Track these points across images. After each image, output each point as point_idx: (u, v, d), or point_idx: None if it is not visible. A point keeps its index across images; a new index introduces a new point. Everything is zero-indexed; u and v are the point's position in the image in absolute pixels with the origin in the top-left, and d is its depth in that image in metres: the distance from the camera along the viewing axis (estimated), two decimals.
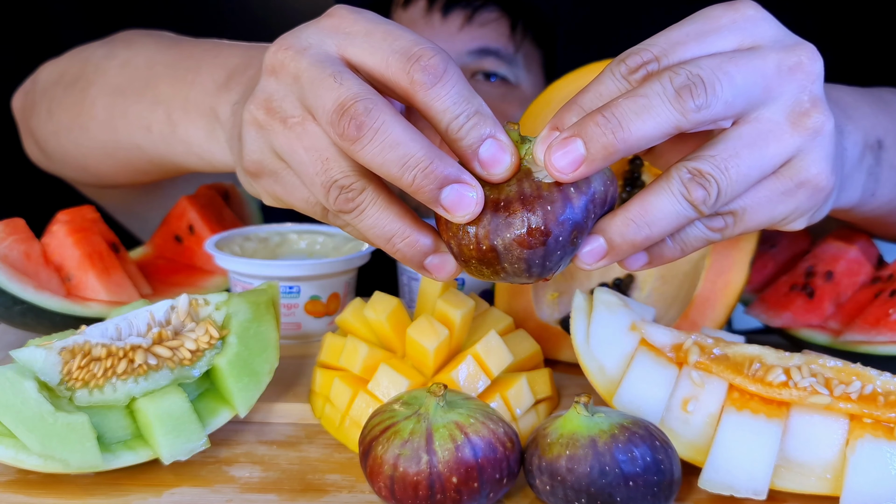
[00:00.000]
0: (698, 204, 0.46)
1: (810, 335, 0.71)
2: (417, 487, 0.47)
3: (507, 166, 0.46)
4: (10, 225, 0.71)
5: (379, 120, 0.45)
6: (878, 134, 0.61)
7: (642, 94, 0.44)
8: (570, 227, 0.45)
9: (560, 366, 0.72)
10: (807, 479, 0.52)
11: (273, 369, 0.58)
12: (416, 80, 0.46)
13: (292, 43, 0.49)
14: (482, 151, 0.46)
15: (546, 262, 0.46)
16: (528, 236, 0.45)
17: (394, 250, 0.49)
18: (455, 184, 0.45)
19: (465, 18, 1.06)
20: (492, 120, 0.46)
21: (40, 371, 0.52)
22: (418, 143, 0.45)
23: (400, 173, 0.45)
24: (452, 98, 0.46)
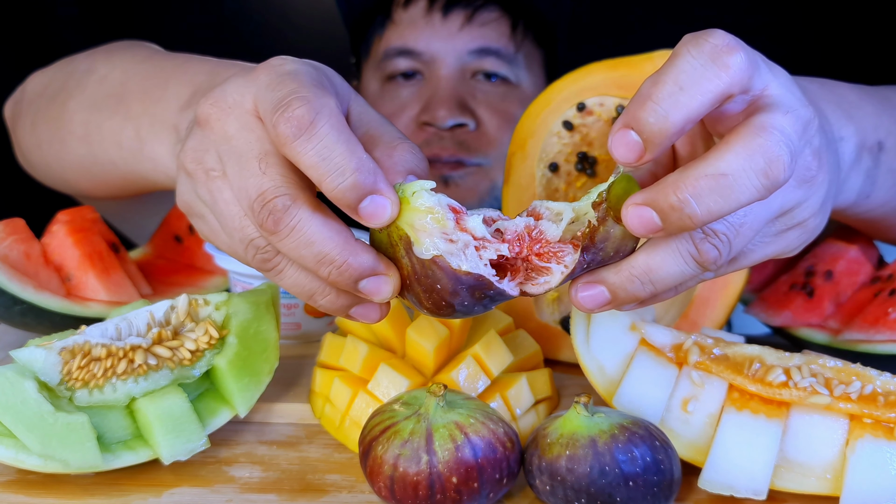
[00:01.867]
0: (707, 265, 0.44)
1: (810, 334, 0.71)
2: (417, 487, 0.47)
3: (388, 218, 0.45)
4: (10, 225, 0.71)
5: (295, 218, 0.45)
6: (880, 136, 0.61)
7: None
8: (466, 290, 0.44)
9: (560, 366, 0.72)
10: (807, 479, 0.52)
11: (273, 369, 0.58)
12: (278, 132, 0.44)
13: (216, 99, 0.49)
14: (362, 208, 0.44)
15: (470, 312, 0.46)
16: (438, 309, 0.46)
17: (316, 305, 0.49)
18: (372, 277, 0.45)
19: (466, 18, 1.07)
20: (371, 171, 0.44)
21: (40, 371, 0.52)
22: (333, 242, 0.45)
23: (316, 268, 0.46)
24: (321, 153, 0.44)
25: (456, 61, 1.07)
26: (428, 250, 0.44)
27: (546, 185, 0.73)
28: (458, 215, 0.45)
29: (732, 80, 0.41)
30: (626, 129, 0.41)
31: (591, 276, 0.45)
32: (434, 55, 1.07)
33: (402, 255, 0.46)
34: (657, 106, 0.40)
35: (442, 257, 0.44)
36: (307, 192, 0.46)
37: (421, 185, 0.45)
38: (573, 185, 0.74)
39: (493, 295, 0.45)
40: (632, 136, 0.41)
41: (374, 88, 1.13)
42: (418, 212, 0.44)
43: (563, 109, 0.71)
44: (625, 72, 0.70)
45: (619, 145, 0.41)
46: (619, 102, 0.71)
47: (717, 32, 0.41)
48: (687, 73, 0.40)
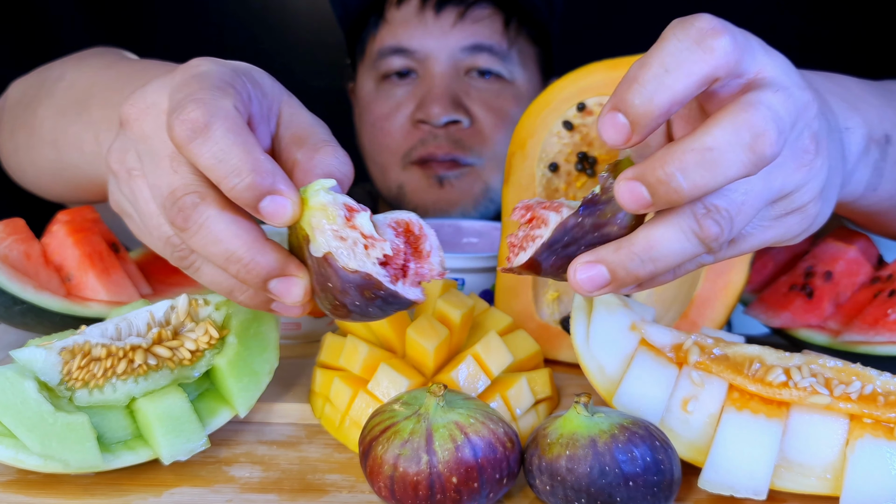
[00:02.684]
0: (710, 242, 0.44)
1: (809, 335, 0.71)
2: (417, 487, 0.47)
3: (290, 218, 0.45)
4: (11, 225, 0.71)
5: (203, 216, 0.45)
6: (886, 128, 0.61)
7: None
8: (355, 289, 0.44)
9: (560, 366, 0.72)
10: (807, 478, 0.52)
11: (273, 369, 0.58)
12: (174, 135, 0.45)
13: (137, 101, 0.50)
14: (262, 207, 0.45)
15: (367, 314, 0.46)
16: (335, 309, 0.46)
17: (237, 301, 0.50)
18: (279, 278, 0.46)
19: (458, 15, 1.07)
20: (270, 172, 0.45)
21: (40, 371, 0.52)
22: (240, 240, 0.46)
23: (224, 266, 0.46)
24: (216, 155, 0.44)
25: (449, 58, 1.07)
26: (320, 248, 0.44)
27: (546, 185, 0.73)
28: (352, 213, 0.45)
29: (718, 62, 0.41)
30: (613, 111, 0.41)
31: (590, 255, 0.45)
32: (427, 53, 1.07)
33: (306, 255, 0.46)
34: (642, 88, 0.41)
35: (332, 254, 0.44)
36: (217, 191, 0.46)
37: (321, 184, 0.45)
38: (573, 184, 0.74)
39: (385, 296, 0.45)
40: (619, 118, 0.41)
41: (370, 88, 1.13)
42: (314, 210, 0.45)
43: (563, 109, 0.71)
44: (624, 71, 0.70)
45: (607, 127, 0.42)
46: None
47: (703, 16, 0.42)
48: (672, 56, 0.41)
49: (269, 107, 0.51)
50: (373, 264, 0.45)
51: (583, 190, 0.75)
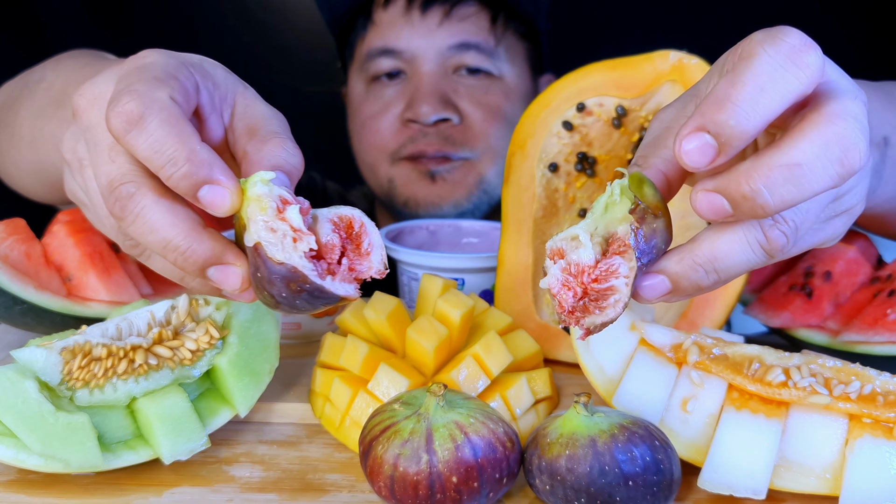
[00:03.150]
0: (775, 253, 0.43)
1: (809, 335, 0.72)
2: (417, 487, 0.47)
3: (229, 207, 0.46)
4: (11, 225, 0.71)
5: (140, 205, 0.46)
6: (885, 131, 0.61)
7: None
8: (281, 281, 0.44)
9: (560, 365, 0.72)
10: (806, 478, 0.52)
11: (273, 369, 0.58)
12: (111, 126, 0.45)
13: (86, 91, 0.51)
14: (201, 197, 0.45)
15: (294, 307, 0.46)
16: (264, 300, 0.46)
17: (189, 287, 0.50)
18: (217, 266, 0.47)
19: (444, 14, 1.08)
20: (206, 162, 0.45)
21: (41, 371, 0.52)
22: (177, 229, 0.46)
23: (163, 254, 0.47)
24: (152, 145, 0.45)
25: (436, 57, 1.08)
26: (251, 238, 0.45)
27: (546, 186, 0.73)
28: (285, 205, 0.45)
29: (811, 79, 0.40)
30: (699, 132, 0.40)
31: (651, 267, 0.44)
32: (414, 53, 1.08)
33: (244, 245, 0.46)
34: (737, 108, 0.39)
35: (261, 245, 0.44)
36: (154, 180, 0.47)
37: (260, 176, 0.45)
38: (573, 184, 0.75)
39: (311, 290, 0.45)
40: (707, 139, 0.40)
41: (360, 90, 1.14)
42: (250, 200, 0.45)
43: (562, 110, 0.71)
44: (624, 72, 0.70)
45: (691, 149, 0.40)
46: (619, 103, 0.71)
47: (790, 31, 0.41)
48: (767, 75, 0.40)
49: (223, 98, 0.52)
50: (299, 257, 0.44)
51: (582, 190, 0.75)
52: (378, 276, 0.48)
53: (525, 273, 0.72)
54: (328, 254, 0.46)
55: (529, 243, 0.72)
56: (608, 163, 0.74)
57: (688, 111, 0.47)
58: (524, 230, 0.72)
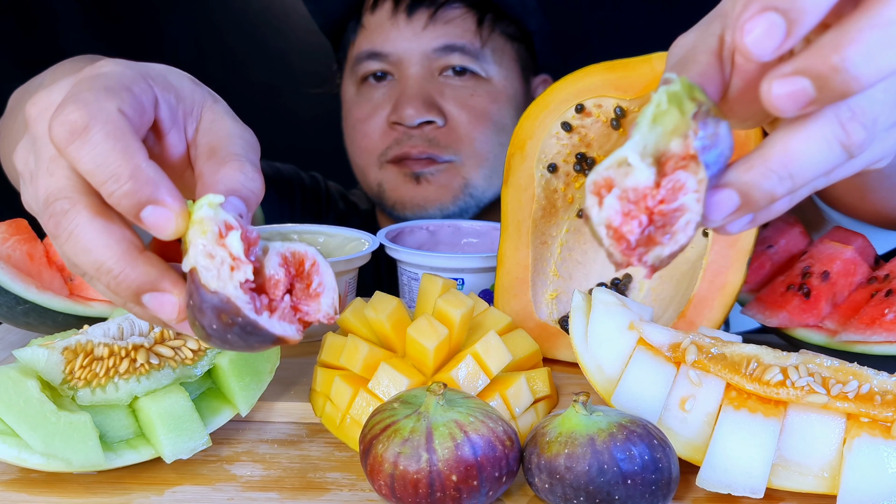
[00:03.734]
0: (854, 150, 0.38)
1: (806, 335, 0.72)
2: (417, 485, 0.47)
3: (173, 229, 0.42)
4: (14, 225, 0.72)
5: (73, 223, 0.43)
6: None
7: None
8: (212, 311, 0.41)
9: (559, 365, 0.72)
10: (804, 477, 0.52)
11: (274, 368, 0.58)
12: (53, 136, 0.42)
13: (39, 100, 0.47)
14: (144, 218, 0.42)
15: (226, 341, 0.42)
16: (194, 328, 0.43)
17: (133, 311, 0.46)
18: (151, 293, 0.43)
19: (429, 17, 1.08)
20: (151, 180, 0.42)
21: (43, 370, 0.52)
22: (110, 251, 0.43)
23: (96, 276, 0.44)
24: (94, 159, 0.42)
25: (422, 59, 1.09)
26: (188, 263, 0.42)
27: (545, 186, 0.74)
28: (228, 231, 0.42)
29: None
30: (764, 12, 0.35)
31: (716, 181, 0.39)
32: (401, 56, 1.09)
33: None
34: None
35: (195, 270, 0.41)
36: (91, 197, 0.44)
37: (208, 199, 0.42)
38: (571, 185, 0.75)
39: (243, 324, 0.41)
40: (773, 18, 0.35)
41: (351, 92, 1.15)
42: (193, 223, 0.42)
43: (561, 111, 0.72)
44: (623, 73, 0.70)
45: (757, 33, 0.36)
46: (618, 104, 0.71)
47: None
48: None
49: (188, 111, 0.49)
50: (234, 287, 0.41)
51: (581, 190, 0.75)
52: (326, 320, 0.44)
53: (524, 273, 0.72)
54: (271, 290, 0.43)
55: (529, 243, 0.73)
56: None
57: (713, 30, 0.42)
58: (523, 230, 0.73)
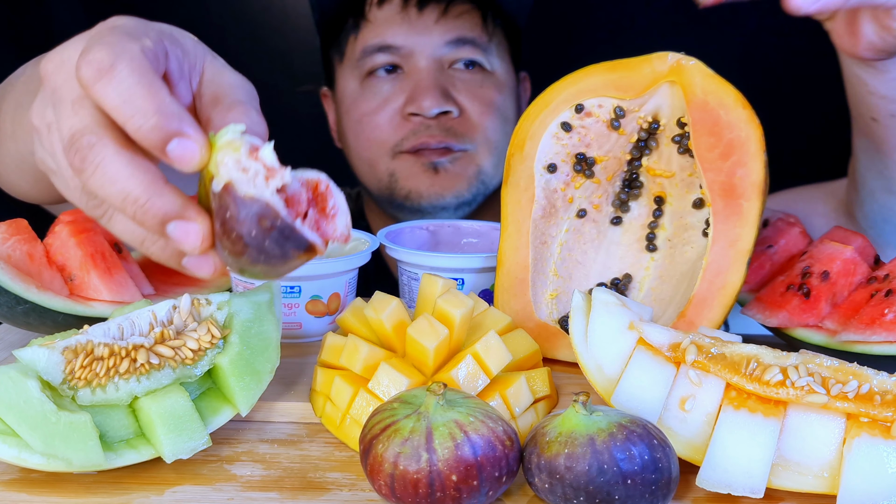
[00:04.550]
0: None
1: (806, 335, 0.72)
2: (417, 485, 0.47)
3: (198, 161, 0.45)
4: (14, 225, 0.72)
5: (100, 156, 0.45)
6: None
7: None
8: (254, 218, 0.44)
9: (559, 365, 0.72)
10: (804, 477, 0.52)
11: (274, 368, 0.58)
12: (80, 75, 0.45)
13: (54, 57, 0.50)
14: (169, 150, 0.45)
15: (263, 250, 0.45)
16: (233, 245, 0.45)
17: (149, 252, 0.49)
18: (177, 221, 0.45)
19: (440, 12, 1.11)
20: (176, 115, 0.45)
21: (43, 370, 0.52)
22: (136, 180, 0.45)
23: (122, 207, 0.46)
24: (121, 95, 0.44)
25: (434, 53, 1.11)
26: (221, 179, 0.44)
27: (545, 186, 0.74)
28: (257, 149, 0.45)
29: None
30: None
31: None
32: (412, 49, 1.10)
33: (211, 199, 0.46)
34: None
35: (232, 184, 0.44)
36: (115, 132, 0.46)
37: (231, 128, 0.45)
38: (571, 185, 0.75)
39: (282, 228, 0.44)
40: None
41: (353, 87, 1.15)
42: (221, 148, 0.45)
43: (561, 111, 0.72)
44: (623, 73, 0.70)
45: None
46: (618, 104, 0.71)
47: None
48: None
49: (191, 65, 0.51)
50: (272, 194, 0.44)
51: (581, 190, 0.75)
52: (342, 240, 0.47)
53: (524, 273, 0.73)
54: (296, 206, 0.46)
55: (529, 243, 0.73)
56: (606, 163, 0.74)
57: None
58: (523, 231, 0.73)
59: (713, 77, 0.67)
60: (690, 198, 0.73)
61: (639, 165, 0.74)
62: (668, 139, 0.72)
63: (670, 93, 0.70)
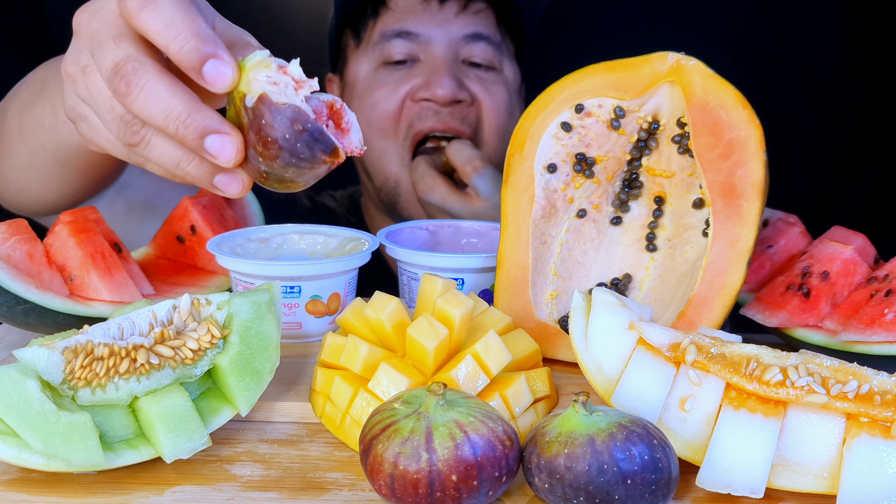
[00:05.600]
0: None
1: (806, 335, 0.72)
2: (417, 485, 0.48)
3: (230, 81, 0.52)
4: (14, 225, 0.72)
5: (144, 78, 0.52)
6: None
7: None
8: (287, 121, 0.51)
9: (559, 365, 0.72)
10: (804, 477, 0.52)
11: (274, 368, 0.58)
12: (126, 7, 0.51)
13: (87, 7, 0.57)
14: (205, 71, 0.51)
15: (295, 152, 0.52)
16: (266, 150, 0.52)
17: (183, 174, 0.56)
18: (215, 134, 0.52)
19: (461, 7, 1.15)
20: (211, 39, 0.51)
21: (43, 370, 0.52)
22: (178, 99, 0.52)
23: (164, 124, 0.52)
24: (164, 20, 0.51)
25: (450, 45, 1.14)
26: (255, 94, 0.51)
27: (545, 186, 0.74)
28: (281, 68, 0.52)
29: None
30: None
31: None
32: (431, 38, 1.14)
33: (242, 118, 0.53)
34: None
35: (266, 95, 0.51)
36: (156, 59, 0.53)
37: (258, 53, 0.52)
38: (571, 185, 0.75)
39: (312, 130, 0.51)
40: None
41: (366, 71, 1.17)
42: (250, 68, 0.52)
43: (561, 111, 0.72)
44: (623, 73, 0.70)
45: None
46: (617, 104, 0.71)
47: None
48: None
49: (209, 17, 0.57)
50: (301, 101, 0.51)
51: (581, 190, 0.75)
52: (358, 152, 0.55)
53: (524, 273, 0.73)
54: (319, 118, 0.53)
55: (528, 244, 0.73)
56: (606, 163, 0.74)
57: None
58: (523, 231, 0.73)
59: (713, 77, 0.67)
60: (690, 198, 0.73)
61: (639, 165, 0.74)
62: (668, 139, 0.72)
63: (670, 93, 0.70)
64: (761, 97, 0.77)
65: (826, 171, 1.68)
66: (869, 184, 1.69)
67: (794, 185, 1.57)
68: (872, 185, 1.69)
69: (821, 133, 1.65)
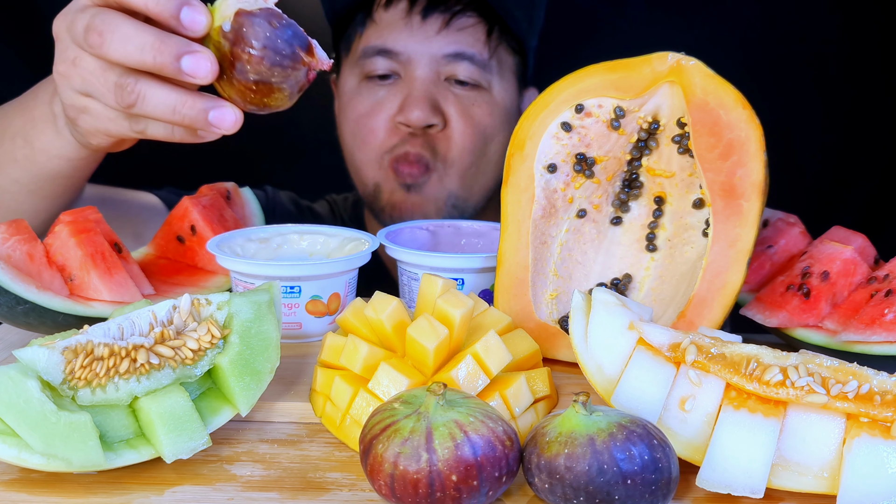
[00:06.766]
0: None
1: (806, 335, 0.72)
2: (417, 485, 0.48)
3: (205, 23, 0.58)
4: (14, 225, 0.72)
5: (112, 24, 0.58)
6: None
7: None
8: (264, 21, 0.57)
9: (559, 365, 0.72)
10: (804, 477, 0.52)
11: (274, 368, 0.58)
12: None
13: (63, 12, 0.63)
14: (182, 17, 0.58)
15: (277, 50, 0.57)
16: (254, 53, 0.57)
17: (181, 117, 0.60)
18: (188, 54, 0.57)
19: (444, 23, 1.10)
20: None
21: (43, 370, 0.52)
22: (148, 31, 0.58)
23: (141, 57, 0.58)
24: None
25: (430, 63, 1.11)
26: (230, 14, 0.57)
27: (545, 186, 0.74)
28: None
29: None
30: None
31: None
32: (410, 56, 1.10)
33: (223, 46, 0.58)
34: None
35: (241, 10, 0.57)
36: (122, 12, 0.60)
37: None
38: (571, 185, 0.75)
39: (287, 24, 0.58)
40: None
41: (352, 85, 1.16)
42: (219, 4, 0.59)
43: (561, 111, 0.72)
44: (623, 73, 0.70)
45: None
46: (617, 104, 0.71)
47: None
48: None
49: None
50: (272, 3, 0.58)
51: (581, 191, 0.75)
52: (327, 68, 0.61)
53: (524, 273, 0.73)
54: None
55: (528, 244, 0.73)
56: (606, 163, 0.74)
57: None
58: (523, 231, 0.73)
59: (713, 77, 0.67)
60: (690, 198, 0.73)
61: (639, 165, 0.74)
62: (668, 139, 0.72)
63: (670, 93, 0.70)
64: (761, 97, 0.77)
65: (826, 171, 1.68)
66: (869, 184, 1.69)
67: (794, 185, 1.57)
68: (872, 186, 1.69)
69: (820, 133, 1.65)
